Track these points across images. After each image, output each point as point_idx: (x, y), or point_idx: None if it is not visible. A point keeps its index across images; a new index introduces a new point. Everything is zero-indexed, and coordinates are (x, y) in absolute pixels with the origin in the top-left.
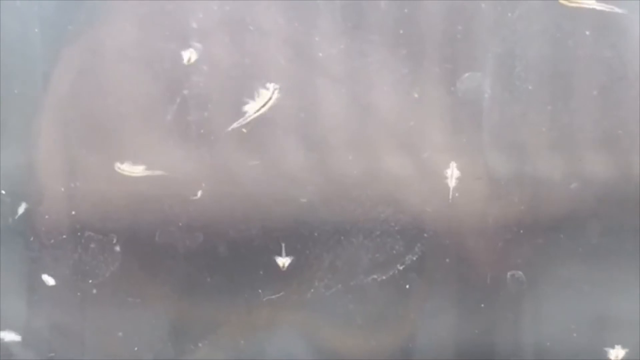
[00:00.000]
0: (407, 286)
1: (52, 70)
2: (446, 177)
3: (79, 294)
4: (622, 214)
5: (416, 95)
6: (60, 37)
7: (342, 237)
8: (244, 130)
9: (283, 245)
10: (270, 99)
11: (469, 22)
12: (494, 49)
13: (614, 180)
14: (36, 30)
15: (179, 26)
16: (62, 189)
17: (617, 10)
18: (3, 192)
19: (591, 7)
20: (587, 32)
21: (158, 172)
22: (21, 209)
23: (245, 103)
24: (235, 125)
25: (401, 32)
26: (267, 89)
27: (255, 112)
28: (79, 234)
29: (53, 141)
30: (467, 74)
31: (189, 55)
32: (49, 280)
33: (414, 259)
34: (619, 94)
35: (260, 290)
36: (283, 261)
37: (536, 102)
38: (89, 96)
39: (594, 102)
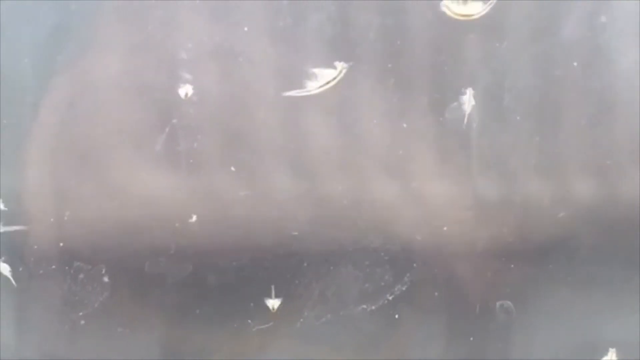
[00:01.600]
0: (397, 316)
1: (41, 100)
2: (463, 103)
3: (67, 324)
4: (610, 242)
5: (405, 125)
6: (50, 67)
7: (331, 267)
8: (233, 168)
9: (273, 287)
10: (336, 77)
11: (458, 52)
12: (482, 79)
13: (602, 208)
14: (26, 60)
15: (171, 57)
16: (51, 219)
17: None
18: None
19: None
20: (575, 63)
21: (15, 228)
22: (10, 239)
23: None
24: (293, 93)
25: (390, 63)
26: (335, 67)
27: (318, 88)
28: (67, 265)
29: (42, 171)
30: (455, 104)
31: (185, 90)
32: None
33: (404, 289)
34: (607, 123)
35: (249, 320)
36: (272, 303)
37: (524, 132)
38: (79, 126)
39: (583, 132)
